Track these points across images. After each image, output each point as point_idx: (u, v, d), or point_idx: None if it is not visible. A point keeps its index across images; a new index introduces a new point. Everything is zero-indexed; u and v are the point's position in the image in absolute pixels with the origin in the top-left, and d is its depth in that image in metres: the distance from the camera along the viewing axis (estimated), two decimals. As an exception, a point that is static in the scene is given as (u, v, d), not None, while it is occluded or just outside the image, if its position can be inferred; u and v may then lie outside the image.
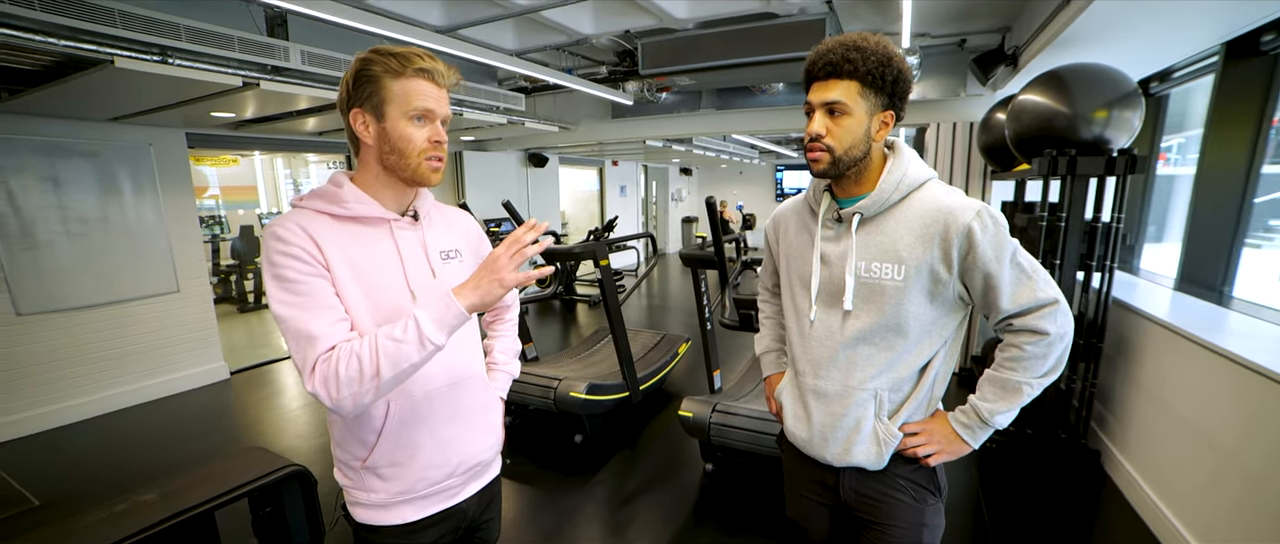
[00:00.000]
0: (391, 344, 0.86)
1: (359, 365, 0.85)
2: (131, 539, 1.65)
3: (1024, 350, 1.02)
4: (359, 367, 0.85)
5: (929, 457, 1.08)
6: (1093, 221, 2.44)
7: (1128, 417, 2.58)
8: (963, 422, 1.08)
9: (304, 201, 0.98)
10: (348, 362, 0.86)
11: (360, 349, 0.86)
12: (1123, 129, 2.38)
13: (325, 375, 0.86)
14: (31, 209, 3.35)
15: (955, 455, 1.09)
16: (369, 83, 0.93)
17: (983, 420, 1.06)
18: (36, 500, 2.70)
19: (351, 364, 0.85)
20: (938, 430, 1.08)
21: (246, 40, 2.56)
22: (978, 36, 3.62)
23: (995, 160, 3.30)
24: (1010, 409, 1.04)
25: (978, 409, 1.06)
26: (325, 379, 0.86)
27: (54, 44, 2.16)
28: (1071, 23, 2.34)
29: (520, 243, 0.91)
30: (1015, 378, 1.03)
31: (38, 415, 3.45)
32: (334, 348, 0.87)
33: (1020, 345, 1.02)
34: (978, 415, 1.06)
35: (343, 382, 0.85)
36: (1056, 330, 1.00)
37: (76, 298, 3.56)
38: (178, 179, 4.00)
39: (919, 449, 1.08)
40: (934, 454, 1.08)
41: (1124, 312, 2.64)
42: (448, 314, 0.88)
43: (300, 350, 0.88)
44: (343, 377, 0.85)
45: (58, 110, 3.25)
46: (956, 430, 1.08)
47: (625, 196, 10.66)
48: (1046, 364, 1.02)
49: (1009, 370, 1.04)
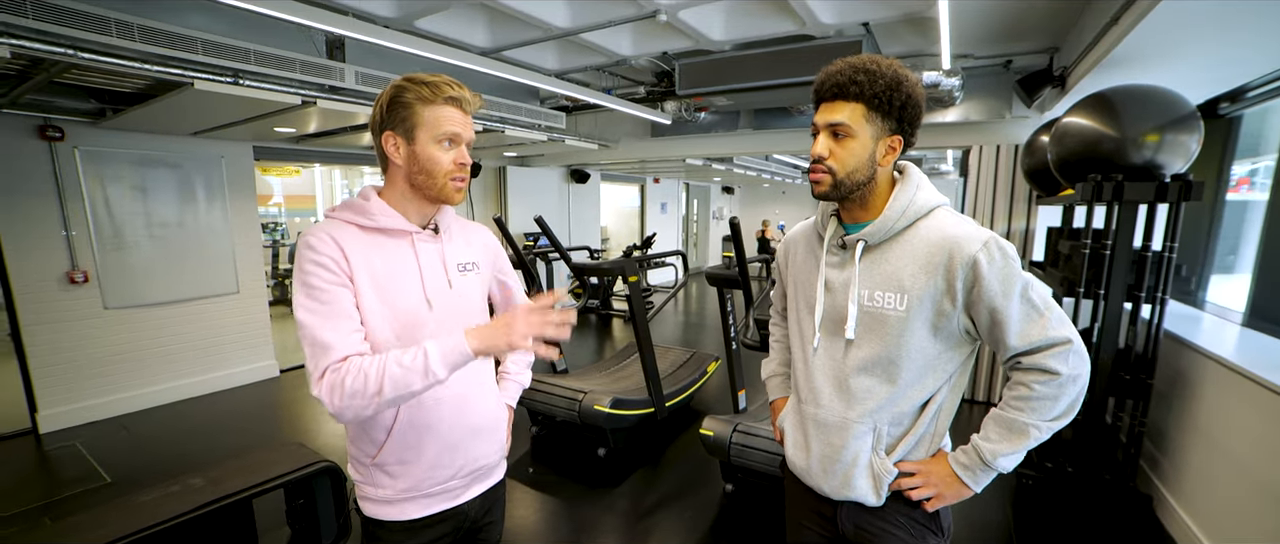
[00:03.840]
0: (398, 370, 0.92)
1: (364, 382, 0.92)
2: (179, 518, 1.79)
3: (1033, 390, 0.97)
4: (364, 383, 0.92)
5: (927, 501, 1.04)
6: (1142, 250, 2.31)
7: (1183, 460, 2.39)
8: (963, 462, 1.02)
9: (336, 212, 1.07)
10: (355, 376, 0.92)
11: (368, 367, 0.93)
12: (1177, 153, 2.25)
13: (333, 384, 0.93)
14: (122, 214, 3.72)
15: (955, 499, 1.04)
16: (402, 108, 1.01)
17: (984, 462, 1.00)
18: (108, 477, 2.96)
19: (358, 380, 0.92)
20: (935, 472, 1.03)
21: (307, 62, 2.79)
22: (1025, 57, 3.50)
23: (1040, 185, 3.16)
24: (1015, 452, 0.98)
25: (980, 450, 1.00)
26: (332, 388, 0.93)
27: (148, 70, 2.42)
28: (1119, 43, 2.25)
29: (543, 321, 0.96)
30: (1022, 419, 0.98)
31: (114, 401, 3.79)
32: (345, 359, 0.94)
33: (1029, 385, 0.97)
34: (979, 456, 1.00)
35: (347, 394, 0.92)
36: (1068, 372, 0.95)
37: (153, 295, 3.90)
38: (243, 188, 4.33)
39: (915, 492, 1.03)
40: (932, 498, 1.04)
41: (1180, 347, 2.47)
42: (454, 353, 0.94)
43: (314, 356, 0.95)
44: (348, 389, 0.92)
45: (149, 126, 3.61)
46: (956, 472, 1.02)
47: (666, 214, 10.73)
48: (1057, 407, 0.96)
49: (1016, 410, 0.99)
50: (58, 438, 3.45)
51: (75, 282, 3.55)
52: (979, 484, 1.02)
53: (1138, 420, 2.37)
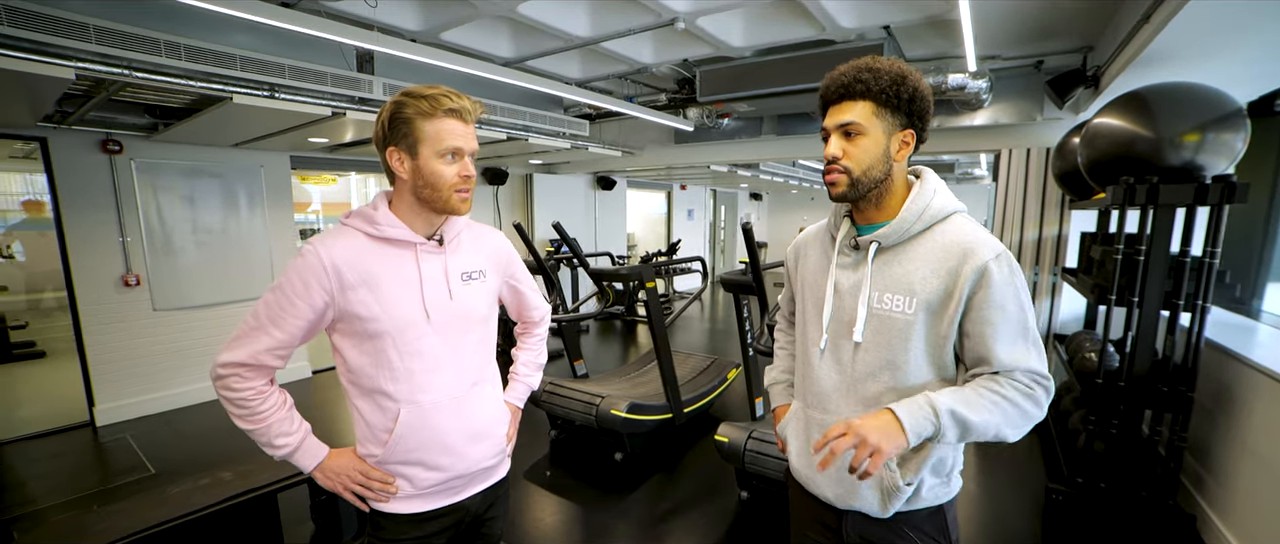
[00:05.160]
0: (260, 425, 1.08)
1: (236, 406, 1.06)
2: (209, 509, 1.89)
3: (1006, 390, 0.92)
4: (236, 407, 1.06)
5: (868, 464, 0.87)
6: (1180, 256, 2.20)
7: (1231, 480, 2.25)
8: (906, 406, 0.91)
9: (349, 219, 1.11)
10: (240, 393, 1.05)
11: (252, 399, 1.06)
12: (1221, 153, 2.14)
13: (225, 379, 1.05)
14: (172, 221, 3.95)
15: (888, 447, 0.87)
16: (403, 124, 1.04)
17: (932, 405, 0.89)
18: (153, 469, 3.13)
19: (241, 396, 1.05)
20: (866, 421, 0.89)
21: (338, 76, 2.93)
22: (1057, 57, 3.38)
23: (1072, 189, 3.04)
24: (965, 411, 0.89)
25: (930, 397, 0.91)
26: (222, 381, 1.05)
27: (193, 86, 2.58)
28: (1152, 41, 2.16)
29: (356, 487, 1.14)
30: (985, 400, 0.91)
31: (161, 397, 4.01)
32: (247, 367, 1.05)
33: (1003, 384, 0.93)
34: (927, 400, 0.90)
35: (229, 399, 1.06)
36: (1038, 396, 0.93)
37: (197, 298, 4.13)
38: (280, 196, 4.55)
39: (840, 444, 0.88)
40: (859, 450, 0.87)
41: (1226, 358, 2.33)
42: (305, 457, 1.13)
43: (237, 340, 1.05)
44: (228, 396, 1.06)
45: (196, 139, 3.83)
46: (896, 412, 0.89)
47: (693, 220, 10.71)
48: (1014, 419, 0.91)
49: (984, 389, 0.92)
50: (111, 431, 3.68)
51: (128, 285, 3.78)
52: (916, 423, 0.89)
53: (1177, 435, 2.25)
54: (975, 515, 2.62)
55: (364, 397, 1.12)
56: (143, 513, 1.84)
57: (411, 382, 1.10)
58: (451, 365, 1.14)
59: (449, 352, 1.13)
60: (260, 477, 2.08)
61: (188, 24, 2.87)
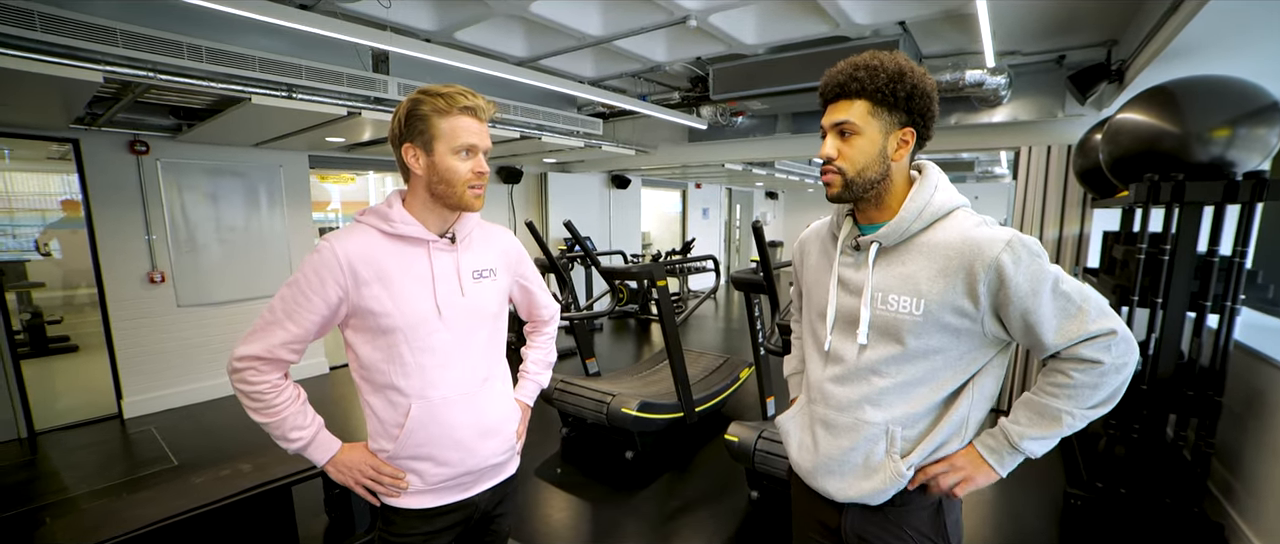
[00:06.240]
0: (274, 419, 1.09)
1: (252, 399, 1.08)
2: (228, 500, 1.94)
3: (1072, 378, 0.92)
4: (252, 400, 1.08)
5: (955, 487, 1.00)
6: (1207, 255, 2.13)
7: (1263, 488, 2.17)
8: (990, 445, 0.99)
9: (364, 216, 1.13)
10: (255, 387, 1.07)
11: (267, 392, 1.07)
12: (1254, 149, 2.06)
13: (241, 372, 1.06)
14: (195, 219, 4.06)
15: (983, 482, 1.00)
16: (419, 120, 1.06)
17: (1012, 445, 0.96)
18: (175, 460, 3.22)
19: (256, 389, 1.07)
20: (960, 456, 1.00)
21: (353, 76, 2.97)
22: (1079, 52, 3.29)
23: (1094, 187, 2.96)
24: (1045, 438, 0.95)
25: (1007, 433, 0.97)
26: (238, 374, 1.07)
27: (213, 87, 2.65)
28: (1179, 33, 2.09)
29: (367, 481, 1.16)
30: (1056, 405, 0.93)
31: (185, 391, 4.12)
32: (263, 361, 1.06)
33: (1068, 372, 0.92)
34: (1006, 439, 0.97)
35: (244, 392, 1.08)
36: (1112, 361, 0.90)
37: (219, 294, 4.23)
38: (299, 195, 4.63)
39: (944, 479, 1.00)
40: (959, 483, 1.00)
41: (1258, 362, 2.25)
42: (318, 451, 1.15)
43: (252, 337, 1.07)
44: (244, 389, 1.07)
45: (218, 139, 3.92)
46: (982, 454, 0.99)
47: (708, 219, 10.67)
48: (1097, 395, 0.92)
49: (1050, 396, 0.94)
50: (138, 423, 3.79)
51: (154, 282, 3.89)
52: (1005, 468, 0.98)
53: (1204, 441, 2.18)
54: (990, 519, 2.57)
55: (376, 392, 1.14)
56: (166, 502, 1.89)
57: (423, 377, 1.11)
58: (462, 362, 1.15)
59: (460, 348, 1.15)
60: (276, 470, 2.12)
61: (208, 27, 2.94)
